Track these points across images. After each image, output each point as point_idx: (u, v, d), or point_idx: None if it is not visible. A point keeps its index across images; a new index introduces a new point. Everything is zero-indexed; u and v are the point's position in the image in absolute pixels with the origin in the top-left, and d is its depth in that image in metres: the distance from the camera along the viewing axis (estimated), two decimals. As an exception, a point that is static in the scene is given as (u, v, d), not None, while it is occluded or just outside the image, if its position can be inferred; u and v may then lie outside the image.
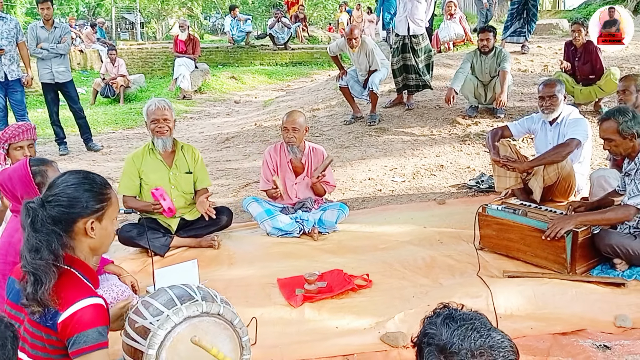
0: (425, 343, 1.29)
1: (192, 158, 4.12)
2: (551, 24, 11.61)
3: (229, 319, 2.03)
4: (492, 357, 1.21)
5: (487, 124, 6.34)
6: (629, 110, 3.27)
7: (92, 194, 1.89)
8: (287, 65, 14.28)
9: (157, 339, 1.89)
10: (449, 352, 1.22)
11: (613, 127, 3.21)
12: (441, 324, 1.31)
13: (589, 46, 6.27)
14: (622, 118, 3.18)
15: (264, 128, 7.83)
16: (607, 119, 3.26)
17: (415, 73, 6.94)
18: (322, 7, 32.37)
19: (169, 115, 3.93)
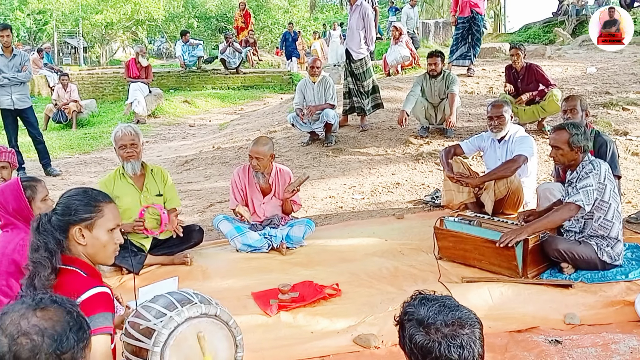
0: (407, 319, 1.55)
1: (161, 180, 4.27)
2: (494, 47, 12.27)
3: (224, 319, 2.22)
4: (461, 325, 1.47)
5: (439, 144, 6.71)
6: (581, 126, 3.63)
7: (83, 204, 2.09)
8: (239, 89, 14.49)
9: (161, 337, 2.05)
10: (427, 324, 1.48)
11: (565, 137, 3.54)
12: (418, 304, 1.57)
13: (530, 68, 6.73)
14: (575, 131, 3.53)
15: (223, 150, 7.98)
16: (561, 129, 3.59)
17: (357, 96, 7.34)
18: (268, 31, 32.86)
19: (137, 140, 4.06)
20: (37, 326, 1.33)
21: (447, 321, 1.48)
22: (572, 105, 4.48)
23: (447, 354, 1.44)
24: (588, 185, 3.47)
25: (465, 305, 1.58)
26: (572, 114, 4.45)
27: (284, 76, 14.80)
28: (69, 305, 1.41)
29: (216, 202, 5.84)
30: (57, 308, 1.38)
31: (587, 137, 3.62)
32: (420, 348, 1.48)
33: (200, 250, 4.44)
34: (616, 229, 3.59)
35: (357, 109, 7.47)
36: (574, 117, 4.43)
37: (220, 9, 34.76)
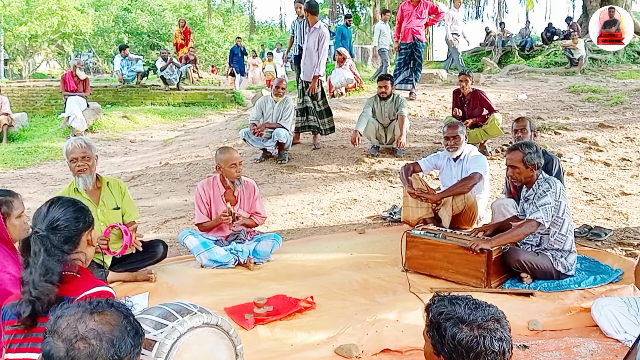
0: (444, 319, 1.63)
1: (119, 193, 4.15)
2: (432, 73, 12.80)
3: (225, 329, 2.25)
4: (497, 320, 1.60)
5: (390, 162, 6.93)
6: (533, 145, 3.90)
7: (85, 210, 2.19)
8: (180, 105, 14.30)
9: (164, 348, 2.04)
10: (469, 321, 1.58)
11: (519, 156, 3.81)
12: (449, 304, 1.68)
13: (475, 93, 7.12)
14: (528, 150, 3.80)
15: (172, 166, 7.88)
16: (515, 149, 3.86)
17: (314, 115, 7.49)
18: (202, 50, 32.68)
19: (89, 153, 3.93)
20: (95, 330, 1.31)
21: (486, 317, 1.60)
22: (522, 126, 4.82)
23: (491, 347, 1.56)
24: (546, 204, 3.73)
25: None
26: (522, 133, 4.78)
27: (226, 94, 14.74)
28: (125, 310, 1.40)
29: (171, 218, 5.76)
30: (114, 312, 1.37)
31: (540, 155, 3.91)
32: (465, 344, 1.58)
33: (163, 267, 4.37)
34: (570, 241, 3.88)
35: (312, 128, 7.59)
36: (524, 136, 4.75)
37: (152, 25, 34.28)
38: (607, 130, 7.83)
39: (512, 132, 4.90)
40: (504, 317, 1.67)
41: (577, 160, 6.80)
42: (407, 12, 9.74)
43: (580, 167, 6.63)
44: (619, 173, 6.40)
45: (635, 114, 8.59)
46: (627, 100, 9.39)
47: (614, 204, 5.55)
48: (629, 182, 6.08)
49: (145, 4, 35.99)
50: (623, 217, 5.20)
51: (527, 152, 3.84)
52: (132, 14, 35.04)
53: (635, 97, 9.63)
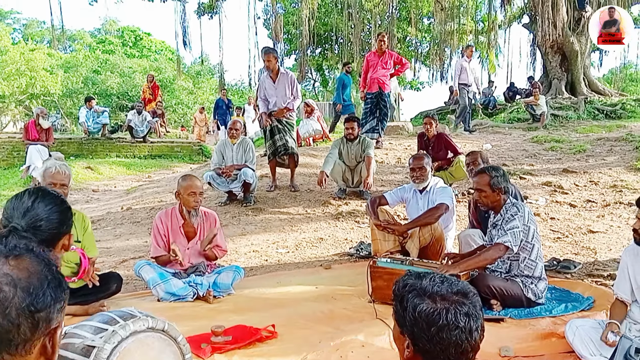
0: (407, 291, 1.49)
1: (81, 227, 3.97)
2: (398, 125, 12.98)
3: (173, 335, 2.05)
4: (465, 295, 1.45)
5: (357, 204, 6.84)
6: (500, 169, 3.86)
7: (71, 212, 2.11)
8: (147, 157, 14.11)
9: (103, 353, 1.84)
10: (432, 292, 1.43)
11: (486, 180, 3.74)
12: (416, 278, 1.53)
13: (440, 136, 7.17)
14: (494, 173, 3.75)
15: (133, 211, 7.64)
16: (482, 173, 3.80)
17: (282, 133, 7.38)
18: (172, 111, 32.83)
19: (67, 181, 3.81)
20: (9, 275, 1.09)
21: (453, 289, 1.45)
22: (474, 158, 4.87)
23: (455, 321, 1.41)
24: (514, 227, 3.65)
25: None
26: (474, 165, 4.79)
27: (193, 146, 14.65)
28: (46, 258, 1.20)
29: (129, 258, 5.51)
30: (33, 258, 1.15)
31: (507, 179, 3.86)
32: (426, 317, 1.42)
33: (117, 301, 4.11)
34: (540, 268, 3.78)
35: (280, 148, 7.41)
36: (476, 169, 4.74)
37: (122, 87, 34.44)
38: (571, 175, 7.92)
39: (465, 166, 4.90)
40: (477, 295, 1.52)
41: (542, 202, 6.81)
42: (372, 62, 9.92)
43: (546, 208, 6.64)
44: (585, 214, 6.41)
45: (598, 160, 8.75)
46: (589, 149, 9.59)
47: (581, 240, 5.52)
48: (595, 222, 6.09)
49: (115, 66, 36.28)
50: (591, 252, 5.16)
51: (493, 175, 3.78)
52: (102, 76, 35.20)
53: (597, 146, 9.85)
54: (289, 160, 7.59)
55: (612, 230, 5.76)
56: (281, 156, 7.52)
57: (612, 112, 15.71)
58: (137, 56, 42.29)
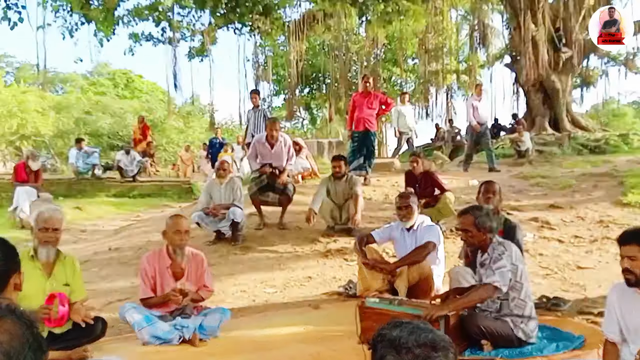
0: (379, 341, 1.47)
1: (71, 270, 3.97)
2: (385, 162, 13.07)
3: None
4: (434, 348, 1.42)
5: (345, 242, 6.83)
6: (483, 208, 3.88)
7: (16, 251, 2.02)
8: (136, 197, 14.05)
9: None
10: (399, 344, 1.41)
11: (470, 220, 3.76)
12: (391, 327, 1.51)
13: (427, 174, 7.22)
14: (478, 213, 3.77)
15: (121, 251, 7.59)
16: (466, 213, 3.82)
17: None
18: (162, 150, 32.88)
19: (59, 225, 3.84)
20: None
21: (420, 342, 1.43)
22: (493, 189, 4.80)
23: None
24: (502, 267, 3.65)
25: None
26: (493, 195, 4.75)
27: (183, 185, 14.63)
28: (28, 320, 1.19)
29: (115, 300, 5.44)
30: (15, 320, 1.15)
31: (491, 218, 3.87)
32: None
33: (101, 345, 4.04)
34: (529, 307, 3.77)
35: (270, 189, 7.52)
36: (494, 197, 4.74)
37: (113, 127, 34.55)
38: (558, 210, 7.98)
39: (481, 194, 4.83)
40: (450, 348, 1.47)
41: (530, 238, 6.83)
42: (358, 102, 10.08)
43: (534, 244, 6.66)
44: (573, 249, 6.44)
45: (584, 195, 8.83)
46: (575, 184, 9.68)
47: (570, 277, 5.53)
48: (583, 257, 6.11)
49: (107, 107, 36.47)
50: (581, 289, 5.17)
51: (478, 215, 3.81)
52: (93, 117, 35.35)
53: (582, 181, 9.95)
54: (284, 199, 7.61)
55: (601, 265, 5.78)
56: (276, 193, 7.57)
57: (596, 147, 15.93)
58: (128, 97, 42.59)
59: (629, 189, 8.50)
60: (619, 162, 13.14)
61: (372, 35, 23.58)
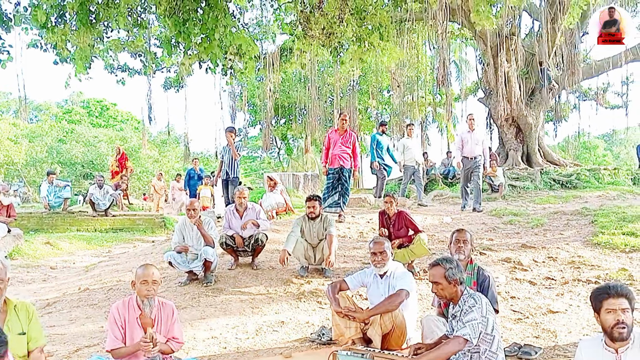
0: None
1: (26, 317, 3.83)
2: (360, 198, 13.12)
3: None
4: None
5: (319, 283, 6.80)
6: (453, 260, 3.91)
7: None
8: (108, 231, 13.85)
9: None
10: None
11: (441, 272, 3.79)
12: None
13: (400, 215, 7.27)
14: (448, 265, 3.79)
15: (90, 292, 7.42)
16: (436, 265, 3.85)
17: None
18: (136, 179, 32.61)
19: (3, 275, 3.69)
20: None
21: None
22: (464, 238, 4.81)
23: None
24: (473, 320, 3.67)
25: None
26: (464, 244, 4.77)
27: (155, 219, 14.46)
28: None
29: (83, 346, 5.30)
30: None
31: (461, 270, 3.91)
32: None
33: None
34: (500, 359, 3.78)
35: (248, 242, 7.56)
36: (465, 246, 4.76)
37: (86, 156, 34.28)
38: (530, 250, 8.06)
39: (452, 244, 4.85)
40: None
41: (503, 280, 6.88)
42: (333, 139, 10.15)
43: (506, 286, 6.70)
44: (544, 292, 6.49)
45: (555, 235, 8.94)
46: (547, 223, 9.82)
47: (542, 322, 5.56)
48: (555, 301, 6.16)
49: (81, 135, 36.25)
50: (552, 335, 5.19)
51: (448, 267, 3.83)
52: (67, 145, 35.03)
53: (554, 219, 10.10)
54: (256, 248, 7.59)
55: (572, 309, 5.83)
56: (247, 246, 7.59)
57: (567, 182, 16.22)
58: (103, 126, 42.42)
59: (600, 229, 8.65)
60: (590, 198, 13.40)
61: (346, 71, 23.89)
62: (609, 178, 16.69)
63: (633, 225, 8.57)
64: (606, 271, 6.94)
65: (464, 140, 11.66)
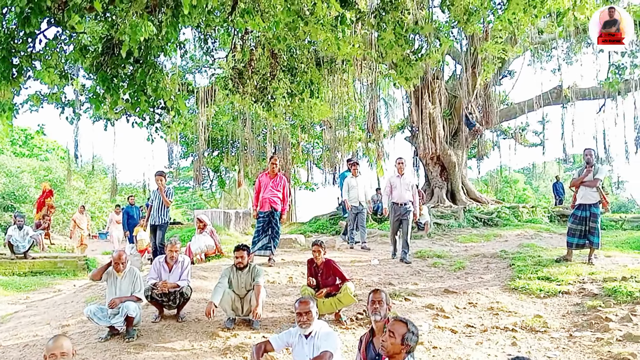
0: None
1: None
2: (291, 238, 13.17)
3: None
4: None
5: (245, 336, 6.75)
6: (418, 331, 4.01)
7: None
8: (27, 275, 13.20)
9: None
10: None
11: (402, 331, 3.88)
12: None
13: (328, 263, 7.37)
14: (413, 330, 3.91)
15: (4, 349, 7.03)
16: (404, 322, 3.94)
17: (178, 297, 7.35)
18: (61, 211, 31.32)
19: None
20: None
21: None
22: (379, 298, 4.96)
23: None
24: None
25: None
26: (379, 305, 4.90)
27: (78, 261, 13.93)
28: None
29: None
30: None
31: (417, 342, 4.00)
32: None
33: None
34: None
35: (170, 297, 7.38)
36: (381, 307, 4.89)
37: (7, 187, 32.65)
38: (452, 295, 8.34)
39: (369, 304, 4.99)
40: None
41: (426, 329, 7.07)
42: (264, 183, 10.22)
43: (429, 335, 6.89)
44: (464, 340, 6.72)
45: (476, 278, 9.30)
46: (468, 265, 10.21)
47: (461, 373, 5.75)
48: (474, 350, 6.37)
49: (2, 165, 34.54)
50: (470, 387, 5.38)
51: (411, 330, 3.93)
52: (-14, 176, 33.29)
53: (475, 262, 10.50)
54: (180, 302, 7.46)
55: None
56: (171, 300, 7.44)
57: (489, 220, 16.95)
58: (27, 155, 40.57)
59: (517, 274, 9.07)
60: (510, 237, 14.05)
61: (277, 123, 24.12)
62: (527, 216, 17.58)
63: (547, 270, 9.05)
64: (522, 318, 7.28)
65: (392, 185, 11.02)
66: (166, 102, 6.01)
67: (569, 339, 6.43)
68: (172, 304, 7.40)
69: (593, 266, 9.16)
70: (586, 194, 9.35)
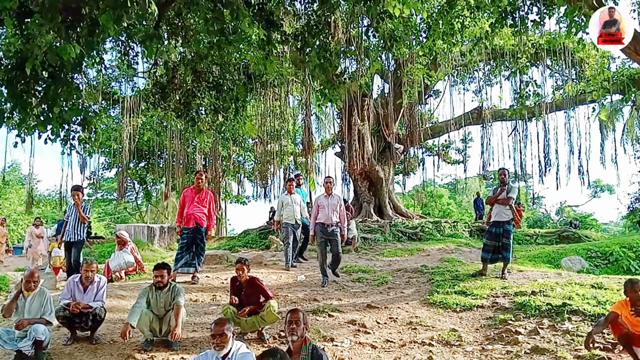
0: None
1: None
2: (217, 255, 13.00)
3: None
4: None
5: (164, 357, 6.57)
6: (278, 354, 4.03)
7: None
8: None
9: None
10: None
11: None
12: None
13: (252, 281, 7.32)
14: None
15: None
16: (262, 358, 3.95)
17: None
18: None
19: None
20: None
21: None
22: (296, 318, 5.00)
23: None
24: None
25: None
26: (297, 325, 4.94)
27: (-11, 280, 13.10)
28: None
29: None
30: None
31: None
32: None
33: None
34: None
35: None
36: (298, 328, 4.91)
37: None
38: (374, 310, 8.48)
39: (286, 324, 5.02)
40: None
41: (347, 344, 7.14)
42: (189, 197, 10.05)
43: (350, 351, 6.95)
44: (383, 355, 6.82)
45: (397, 293, 9.50)
46: (390, 280, 10.41)
47: (378, 389, 5.83)
48: (392, 366, 6.50)
49: None
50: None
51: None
52: None
53: (397, 277, 10.74)
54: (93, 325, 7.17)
55: (406, 375, 6.20)
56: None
57: (413, 234, 17.40)
58: None
59: (435, 288, 9.35)
60: (432, 251, 14.46)
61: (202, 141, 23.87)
62: (450, 230, 18.19)
63: (464, 284, 9.38)
64: (439, 332, 7.48)
65: (320, 206, 10.40)
66: (82, 119, 5.82)
67: (481, 352, 6.67)
68: (84, 326, 7.11)
69: (506, 280, 9.59)
70: (500, 212, 9.83)
